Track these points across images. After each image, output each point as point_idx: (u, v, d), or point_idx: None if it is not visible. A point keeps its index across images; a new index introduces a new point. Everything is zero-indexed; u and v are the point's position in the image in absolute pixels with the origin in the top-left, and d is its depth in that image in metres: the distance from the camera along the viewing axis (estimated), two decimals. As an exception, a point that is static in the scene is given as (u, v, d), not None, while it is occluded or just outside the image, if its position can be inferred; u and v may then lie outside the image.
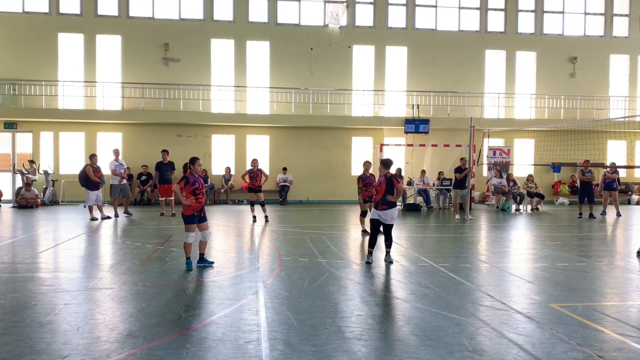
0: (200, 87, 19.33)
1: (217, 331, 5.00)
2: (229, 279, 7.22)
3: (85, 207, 14.45)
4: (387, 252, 8.37)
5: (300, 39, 20.17)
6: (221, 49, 20.06)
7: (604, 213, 15.99)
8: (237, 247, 10.24)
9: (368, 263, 8.16)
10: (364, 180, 11.34)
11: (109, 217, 13.92)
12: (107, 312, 5.63)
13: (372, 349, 4.59)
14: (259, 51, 20.26)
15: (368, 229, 11.40)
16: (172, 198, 15.14)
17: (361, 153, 20.38)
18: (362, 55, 20.74)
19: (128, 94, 19.09)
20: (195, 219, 7.76)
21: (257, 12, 20.17)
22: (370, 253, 8.29)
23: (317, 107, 19.75)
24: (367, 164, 11.50)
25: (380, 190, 8.28)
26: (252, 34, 20.12)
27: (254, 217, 13.64)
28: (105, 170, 14.66)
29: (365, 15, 20.70)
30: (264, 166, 18.65)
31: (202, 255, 7.88)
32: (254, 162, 13.93)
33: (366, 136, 20.41)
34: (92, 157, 14.02)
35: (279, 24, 20.23)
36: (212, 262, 7.96)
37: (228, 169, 19.33)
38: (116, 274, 7.48)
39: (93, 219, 13.61)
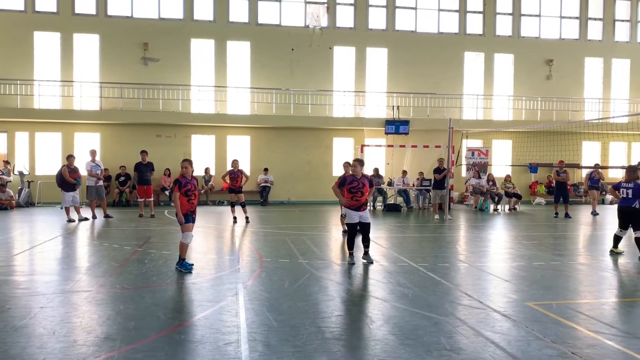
0: (180, 87, 19.17)
1: (196, 333, 4.98)
2: (208, 281, 7.19)
3: (61, 208, 14.21)
4: (367, 252, 8.37)
5: (281, 40, 20.16)
6: (201, 49, 19.94)
7: (595, 213, 16.18)
8: (217, 249, 10.20)
9: (352, 264, 8.16)
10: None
11: (86, 219, 13.71)
12: (84, 315, 5.55)
13: (352, 348, 4.63)
14: (239, 51, 20.18)
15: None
16: (151, 199, 14.99)
17: (342, 154, 20.47)
18: (343, 56, 20.82)
19: (106, 94, 18.84)
20: (189, 218, 7.68)
21: (238, 12, 20.09)
22: (351, 255, 8.33)
23: (298, 107, 19.77)
24: (347, 166, 11.39)
25: (365, 192, 8.30)
26: (232, 34, 20.03)
27: (235, 218, 13.59)
28: (83, 171, 14.45)
29: (345, 17, 20.79)
30: (245, 167, 18.56)
31: (182, 258, 7.80)
32: (235, 162, 13.87)
33: (347, 137, 20.49)
34: (69, 158, 13.79)
35: (260, 25, 20.19)
36: (192, 265, 7.84)
37: (208, 170, 19.21)
38: (93, 276, 7.39)
39: (70, 220, 13.40)
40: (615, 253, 9.25)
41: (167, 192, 18.40)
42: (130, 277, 7.31)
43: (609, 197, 20.96)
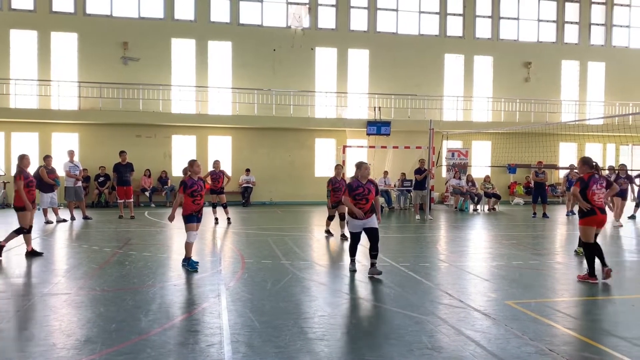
0: (161, 87, 18.99)
1: (178, 335, 4.95)
2: (190, 282, 7.15)
3: (39, 209, 13.96)
4: (374, 264, 7.56)
5: (263, 40, 20.11)
6: (182, 49, 19.77)
7: (572, 213, 16.48)
8: (199, 250, 10.12)
9: (353, 271, 7.71)
10: (334, 184, 10.91)
11: (64, 220, 13.49)
12: (63, 318, 5.48)
13: (334, 348, 4.66)
14: (221, 51, 20.07)
15: (332, 231, 11.41)
16: (131, 200, 14.82)
17: (324, 154, 20.53)
18: (325, 57, 20.86)
19: (85, 94, 18.55)
20: (194, 218, 7.72)
21: (219, 12, 19.99)
22: (353, 261, 7.84)
23: (280, 108, 19.75)
24: (339, 168, 11.14)
25: (371, 199, 7.64)
26: (213, 34, 19.92)
27: (216, 219, 13.51)
28: (61, 171, 14.21)
29: (327, 18, 20.84)
30: (226, 167, 18.44)
31: (188, 257, 7.80)
32: (216, 163, 13.79)
33: (329, 137, 20.54)
34: (47, 159, 13.55)
35: (241, 25, 20.11)
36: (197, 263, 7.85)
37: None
38: (73, 278, 7.28)
39: (48, 222, 13.17)
40: (578, 253, 9.37)
41: (147, 193, 18.21)
42: (111, 279, 7.23)
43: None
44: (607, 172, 15.81)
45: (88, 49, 18.89)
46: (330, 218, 11.43)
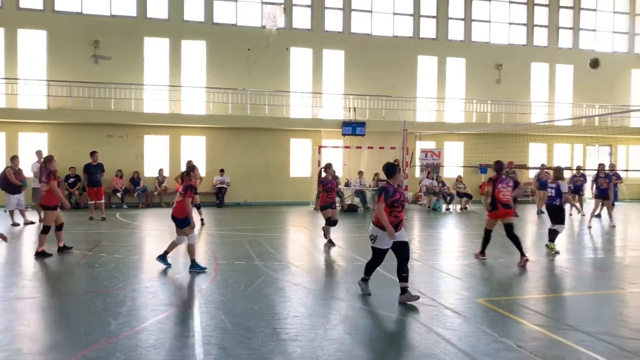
0: (133, 86, 18.67)
1: (149, 338, 4.89)
2: (162, 284, 7.06)
3: (5, 212, 13.58)
4: (406, 289, 6.17)
5: (238, 40, 19.98)
6: (155, 48, 19.48)
7: (542, 212, 16.85)
8: (172, 252, 10.00)
9: (367, 294, 6.47)
10: (326, 185, 10.17)
11: (32, 222, 13.14)
12: (29, 322, 5.35)
13: (307, 349, 4.66)
14: (195, 51, 19.86)
15: (333, 239, 10.33)
16: (102, 201, 14.54)
17: (300, 154, 20.52)
18: (300, 57, 20.85)
19: (54, 92, 18.10)
20: (191, 219, 7.84)
21: (193, 11, 19.76)
22: (366, 280, 6.66)
23: (255, 108, 19.65)
24: (331, 167, 10.43)
25: (404, 205, 6.43)
26: (187, 33, 19.69)
27: (202, 220, 13.34)
28: (28, 172, 13.84)
29: (302, 18, 20.83)
30: (200, 168, 18.25)
31: (193, 260, 7.79)
32: (189, 163, 13.61)
33: (305, 138, 20.53)
34: (13, 159, 13.17)
35: (216, 24, 19.94)
36: (205, 268, 7.82)
37: (161, 171, 18.79)
38: (40, 282, 7.11)
39: (14, 224, 12.81)
40: (549, 248, 9.82)
41: (119, 194, 17.89)
42: (80, 282, 7.08)
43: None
44: (574, 172, 16.24)
45: (57, 47, 18.45)
46: (329, 222, 10.28)
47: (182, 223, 7.80)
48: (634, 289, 7.00)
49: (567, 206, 10.13)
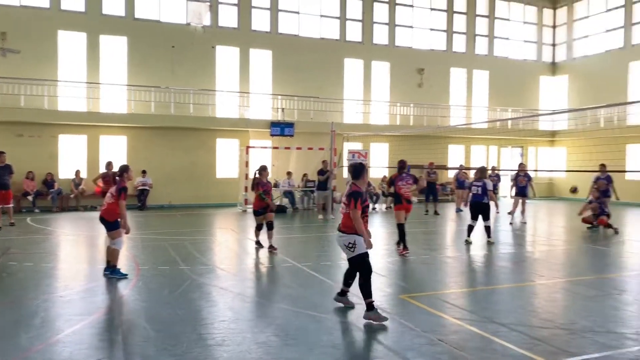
0: (46, 82, 17.47)
1: (63, 351, 4.59)
2: (78, 293, 6.66)
3: None
4: (372, 304, 5.51)
5: (161, 36, 19.30)
6: (71, 42, 18.34)
7: (460, 210, 17.69)
8: (89, 258, 9.48)
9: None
10: (264, 187, 9.68)
11: None
12: None
13: (235, 353, 4.59)
14: (115, 46, 18.93)
15: (262, 242, 9.84)
16: (11, 205, 13.46)
17: (227, 155, 20.17)
18: (227, 56, 20.52)
19: (-47, 87, 16.57)
20: (120, 223, 7.48)
21: (113, 5, 18.82)
22: (342, 293, 6.01)
23: (179, 107, 19.06)
24: (266, 170, 9.98)
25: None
26: (106, 27, 18.73)
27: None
28: None
29: (229, 17, 20.50)
30: (121, 169, 17.50)
31: (114, 265, 7.39)
32: (109, 164, 13.01)
33: (232, 138, 20.21)
34: None
35: (138, 19, 19.14)
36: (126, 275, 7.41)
37: (78, 173, 17.73)
38: (-63, 295, 6.47)
39: None
40: (468, 242, 10.63)
41: (30, 198, 16.66)
42: (-16, 294, 6.52)
43: (471, 195, 23.14)
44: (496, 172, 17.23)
45: (-43, 37, 16.89)
46: (259, 227, 9.90)
47: (111, 226, 7.45)
48: (543, 281, 7.53)
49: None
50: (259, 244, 9.91)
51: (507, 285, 7.46)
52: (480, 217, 10.72)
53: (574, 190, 16.24)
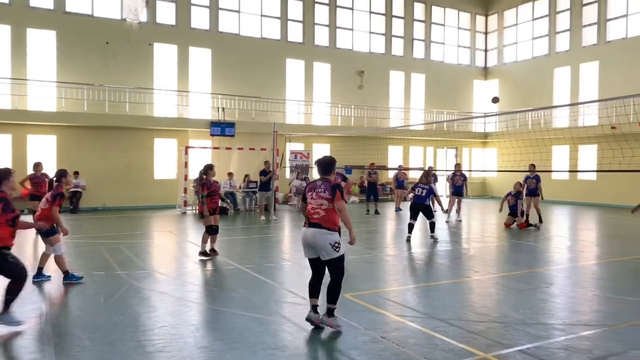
0: (-36, 76, 16.27)
1: (-12, 365, 4.29)
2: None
3: None
4: (333, 311, 5.27)
5: (94, 32, 18.46)
6: (-7, 35, 17.20)
7: (400, 209, 18.15)
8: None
9: (319, 328, 5.22)
10: (210, 188, 9.15)
11: None
12: None
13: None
14: (43, 41, 17.89)
15: (216, 249, 9.32)
16: None
17: (165, 155, 19.60)
18: (165, 54, 19.93)
19: None
20: (56, 229, 7.20)
21: (40, -4, 17.83)
22: (316, 310, 5.31)
23: (114, 105, 18.31)
24: (213, 169, 9.44)
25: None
26: (34, 21, 17.66)
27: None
28: None
29: (167, 13, 19.93)
30: (50, 170, 16.54)
31: (66, 272, 7.15)
32: (38, 165, 12.29)
33: (170, 138, 19.65)
34: None
35: (68, 13, 18.20)
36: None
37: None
38: None
39: None
40: (409, 239, 11.24)
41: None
42: None
43: (410, 195, 23.81)
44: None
45: None
46: (209, 231, 9.15)
47: (48, 232, 7.12)
48: (478, 277, 7.87)
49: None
50: (206, 254, 9.07)
51: (444, 281, 7.73)
52: (423, 216, 11.60)
53: (495, 100, 17.27)
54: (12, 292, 5.26)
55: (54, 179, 7.44)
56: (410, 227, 11.35)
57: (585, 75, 22.72)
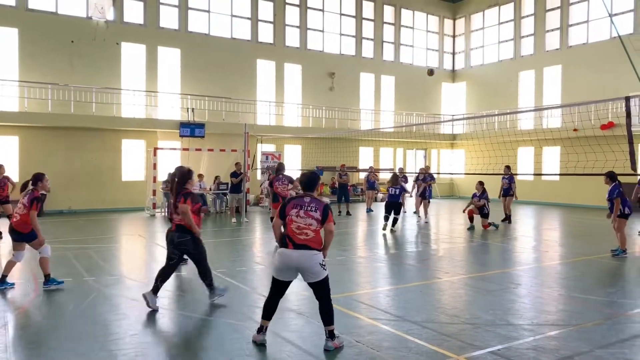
0: None
1: (-49, 380, 4.13)
2: (-34, 313, 6.01)
3: None
4: (332, 333, 4.92)
5: (59, 30, 17.95)
6: (-51, 31, 16.52)
7: (371, 210, 18.31)
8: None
9: (262, 345, 4.95)
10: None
11: None
12: None
13: (149, 369, 4.40)
14: (4, 39, 17.30)
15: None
16: None
17: (133, 156, 19.23)
18: (132, 53, 19.55)
19: None
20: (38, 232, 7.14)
21: (0, -8, 17.23)
22: (264, 330, 5.04)
23: (80, 105, 17.84)
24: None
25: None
26: (-7, 16, 17.08)
27: None
28: None
29: (135, 12, 19.55)
30: (12, 173, 16.00)
31: (48, 275, 7.01)
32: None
33: (138, 139, 19.29)
34: None
35: (31, 10, 17.63)
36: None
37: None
38: None
39: None
40: (384, 230, 12.98)
41: None
42: None
43: (380, 195, 24.02)
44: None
45: None
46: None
47: (29, 237, 7.00)
48: (448, 278, 8.01)
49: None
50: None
51: (416, 283, 7.84)
52: (392, 211, 13.31)
53: (430, 72, 18.03)
54: None
55: (30, 182, 7.27)
56: (386, 218, 13.30)
57: (548, 79, 23.42)
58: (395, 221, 13.34)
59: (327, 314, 4.88)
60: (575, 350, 4.84)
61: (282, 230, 5.03)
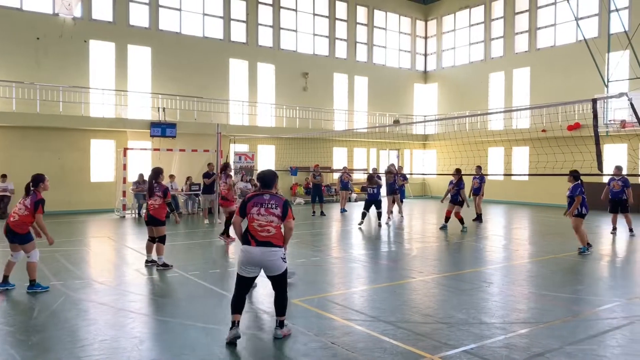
0: None
1: None
2: None
3: None
4: (282, 323, 5.24)
5: (23, 26, 17.40)
6: None
7: (345, 210, 18.36)
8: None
9: (232, 344, 4.94)
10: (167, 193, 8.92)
11: None
12: None
13: (119, 376, 4.28)
14: (-36, 34, 16.70)
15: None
16: None
17: (102, 157, 18.79)
18: (101, 51, 19.10)
19: None
20: (31, 235, 7.09)
21: (-39, -14, 16.60)
22: (236, 324, 5.03)
23: (46, 104, 17.33)
24: (162, 173, 9.18)
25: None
26: (-47, 11, 16.44)
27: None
28: None
29: (103, 9, 19.10)
30: (-25, 173, 15.47)
31: (34, 280, 7.00)
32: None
33: (107, 139, 18.85)
34: None
35: (-7, 5, 17.06)
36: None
37: None
38: None
39: None
40: (360, 225, 13.93)
41: None
42: None
43: (353, 195, 24.11)
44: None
45: None
46: (152, 240, 8.84)
47: (24, 239, 6.90)
48: (421, 277, 8.08)
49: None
50: (153, 262, 8.73)
51: (390, 283, 7.87)
52: (375, 207, 14.30)
53: (396, 122, 18.90)
54: None
55: (31, 184, 7.14)
56: (364, 215, 14.20)
57: (517, 80, 23.92)
58: (379, 215, 14.44)
59: (281, 305, 5.19)
60: (546, 347, 4.93)
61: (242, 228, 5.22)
